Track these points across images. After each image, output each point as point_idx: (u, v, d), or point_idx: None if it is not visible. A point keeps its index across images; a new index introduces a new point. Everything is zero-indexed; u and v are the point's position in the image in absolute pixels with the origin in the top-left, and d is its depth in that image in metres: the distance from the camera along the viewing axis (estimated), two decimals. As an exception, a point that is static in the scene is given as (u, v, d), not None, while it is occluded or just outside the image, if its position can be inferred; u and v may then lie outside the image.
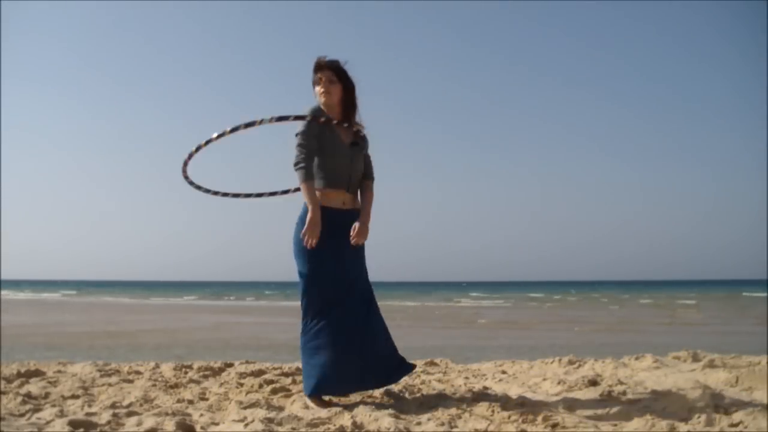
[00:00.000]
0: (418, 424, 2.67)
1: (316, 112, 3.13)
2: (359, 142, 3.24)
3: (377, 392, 3.31)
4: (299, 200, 3.22)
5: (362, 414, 2.77)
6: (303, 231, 3.01)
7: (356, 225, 3.12)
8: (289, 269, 3.30)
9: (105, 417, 2.76)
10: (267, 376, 3.99)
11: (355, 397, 3.22)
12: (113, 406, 3.06)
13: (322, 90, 3.18)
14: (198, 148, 3.23)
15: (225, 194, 3.57)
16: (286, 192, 3.57)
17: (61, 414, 2.86)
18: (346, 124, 3.21)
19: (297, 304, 3.43)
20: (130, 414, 2.85)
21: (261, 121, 3.06)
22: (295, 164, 3.07)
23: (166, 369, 4.39)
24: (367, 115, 3.35)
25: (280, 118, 3.07)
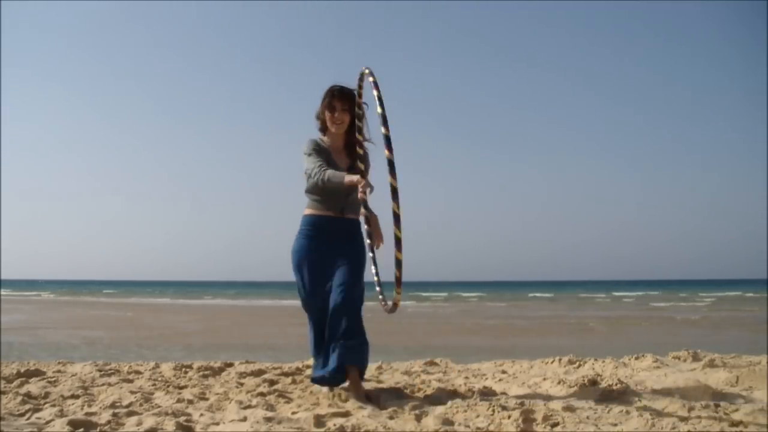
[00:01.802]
0: (417, 424, 2.67)
1: (317, 145, 3.25)
2: (357, 166, 3.25)
3: (377, 392, 3.31)
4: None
5: (361, 413, 2.77)
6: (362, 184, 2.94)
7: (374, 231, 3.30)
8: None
9: (105, 417, 2.76)
10: (267, 376, 4.00)
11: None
12: (113, 405, 3.06)
13: (338, 121, 3.24)
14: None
15: None
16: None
17: (61, 414, 2.86)
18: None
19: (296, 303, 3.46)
20: (130, 414, 2.85)
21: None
22: (312, 171, 3.12)
23: (166, 369, 4.39)
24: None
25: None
